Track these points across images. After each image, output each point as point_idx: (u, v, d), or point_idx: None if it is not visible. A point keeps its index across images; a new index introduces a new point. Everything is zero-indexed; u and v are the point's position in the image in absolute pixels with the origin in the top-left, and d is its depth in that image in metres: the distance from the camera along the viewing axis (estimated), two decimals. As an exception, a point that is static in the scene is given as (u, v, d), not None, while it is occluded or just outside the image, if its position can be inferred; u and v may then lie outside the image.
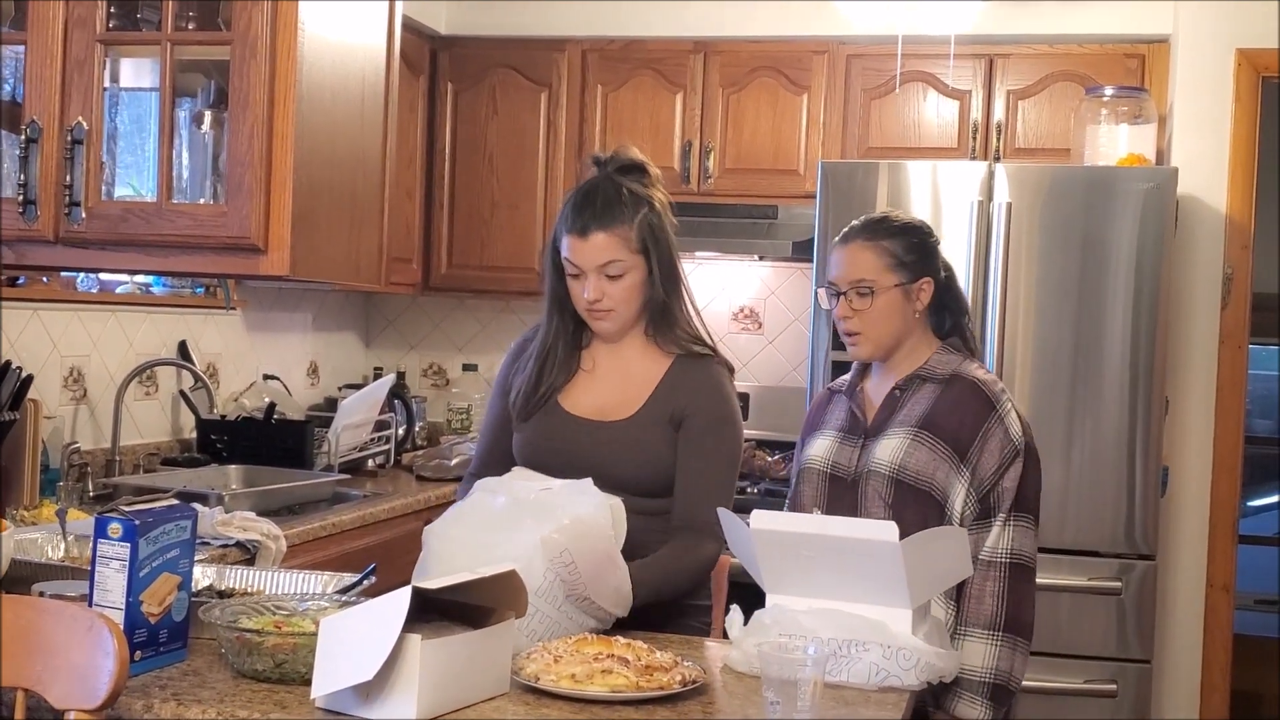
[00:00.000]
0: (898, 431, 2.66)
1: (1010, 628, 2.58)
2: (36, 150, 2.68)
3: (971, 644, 2.57)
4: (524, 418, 2.80)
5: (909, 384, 2.72)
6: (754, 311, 5.38)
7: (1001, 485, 2.61)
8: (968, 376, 2.70)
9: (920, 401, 2.69)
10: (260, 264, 2.64)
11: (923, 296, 2.73)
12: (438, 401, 5.60)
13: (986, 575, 2.58)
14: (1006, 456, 2.62)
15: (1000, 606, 2.57)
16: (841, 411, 2.81)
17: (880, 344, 2.73)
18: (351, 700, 1.92)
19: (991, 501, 2.61)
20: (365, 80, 2.88)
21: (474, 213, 5.24)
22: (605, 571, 2.41)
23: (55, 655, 1.86)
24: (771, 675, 1.95)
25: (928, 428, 2.64)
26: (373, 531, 3.98)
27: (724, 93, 5.01)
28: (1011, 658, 2.57)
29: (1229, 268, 4.55)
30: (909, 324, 2.73)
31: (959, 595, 2.60)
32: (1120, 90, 4.56)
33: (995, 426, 2.63)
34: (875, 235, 2.73)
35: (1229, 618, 4.57)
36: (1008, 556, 2.59)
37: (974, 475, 2.61)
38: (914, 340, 2.74)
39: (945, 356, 2.74)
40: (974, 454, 2.61)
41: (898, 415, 2.69)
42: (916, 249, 2.73)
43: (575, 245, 2.70)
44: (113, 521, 2.06)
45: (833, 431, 2.79)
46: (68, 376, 3.97)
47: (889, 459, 2.64)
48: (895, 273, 2.70)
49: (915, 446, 2.63)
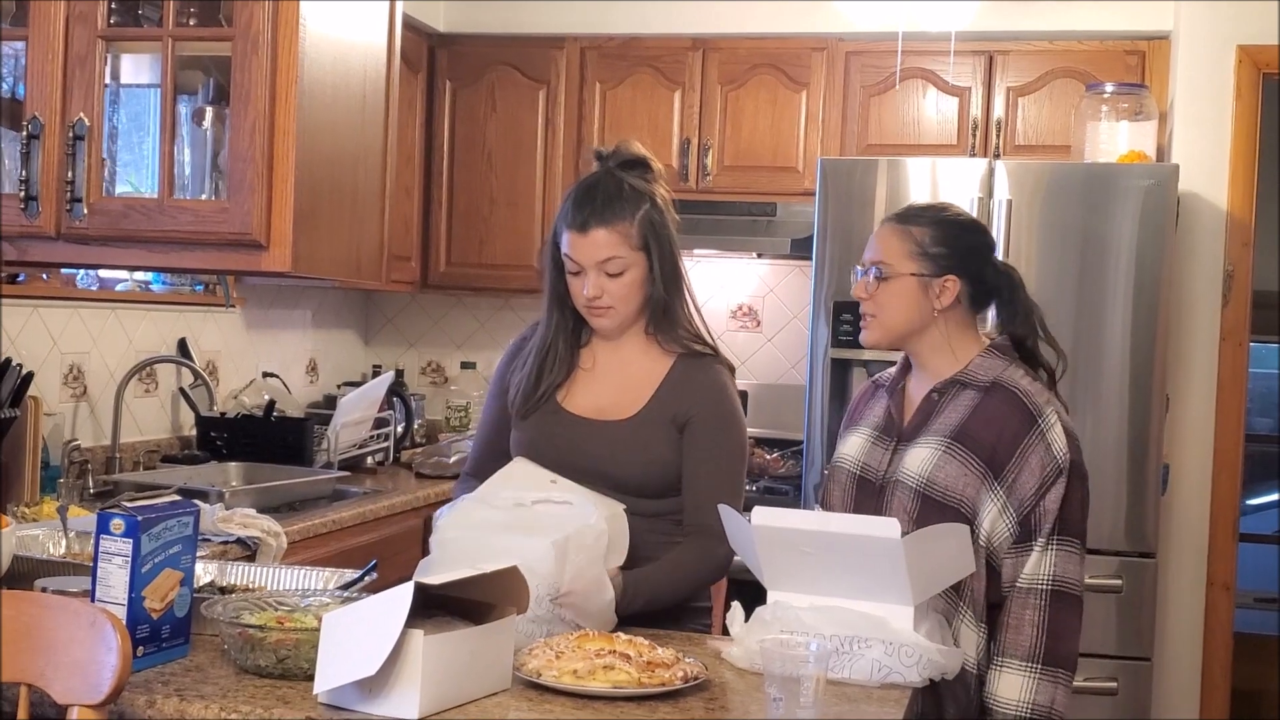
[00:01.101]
0: (930, 441, 2.51)
1: (1050, 660, 2.42)
2: (38, 146, 2.68)
3: (1008, 675, 2.43)
4: (523, 416, 2.78)
5: (948, 388, 2.56)
6: (752, 309, 5.38)
7: (1043, 506, 2.44)
8: (1009, 385, 2.52)
9: (957, 409, 2.53)
10: (262, 260, 2.64)
11: (945, 294, 2.55)
12: (436, 399, 5.60)
13: (1026, 603, 2.43)
14: (1048, 475, 2.44)
15: (1040, 636, 2.42)
16: (880, 409, 2.68)
17: (889, 331, 2.58)
18: (354, 696, 1.92)
19: (1033, 523, 2.44)
20: (366, 77, 2.88)
21: (473, 210, 5.23)
22: (592, 594, 2.43)
23: (58, 651, 1.86)
24: (774, 671, 1.94)
25: (961, 439, 2.48)
26: (372, 528, 3.98)
27: (723, 90, 5.01)
28: (1053, 692, 2.42)
29: (1230, 265, 4.55)
30: (925, 318, 2.56)
31: (995, 622, 2.47)
32: (1121, 87, 4.56)
33: (1036, 442, 2.45)
34: (908, 220, 2.60)
35: (1229, 616, 4.57)
36: (1049, 583, 2.43)
37: (1011, 494, 2.44)
38: (944, 339, 2.58)
39: (989, 360, 2.56)
40: (1011, 471, 2.45)
41: (933, 422, 2.54)
42: (947, 242, 2.56)
43: (575, 241, 2.67)
44: (115, 517, 2.06)
45: (868, 430, 2.67)
46: (68, 374, 3.96)
47: (917, 470, 2.50)
48: (915, 261, 2.55)
49: (946, 459, 2.48)
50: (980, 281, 2.60)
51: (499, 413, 2.85)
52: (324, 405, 5.09)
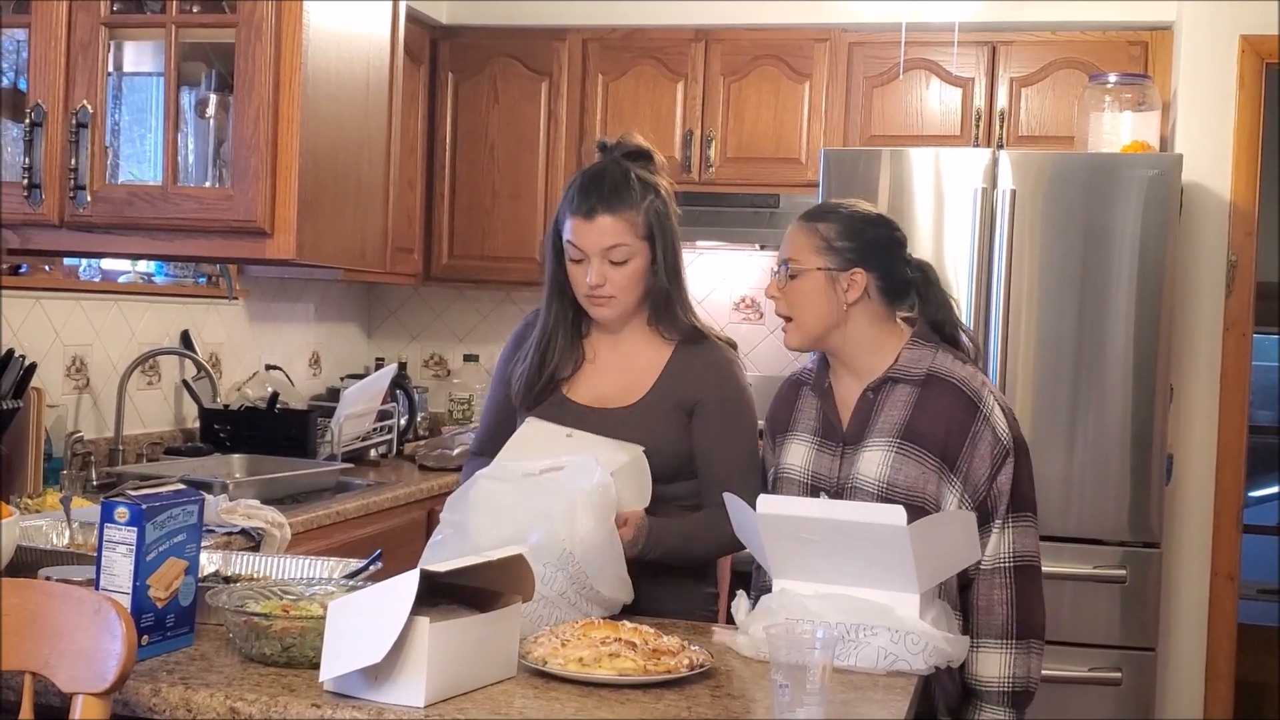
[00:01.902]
0: (878, 442, 2.52)
1: (1023, 633, 2.50)
2: (41, 134, 2.67)
3: (986, 655, 2.50)
4: (527, 406, 2.77)
5: (881, 386, 2.57)
6: (755, 301, 5.38)
7: (996, 487, 2.49)
8: (945, 376, 2.54)
9: (896, 406, 2.54)
10: (266, 247, 2.63)
11: (853, 289, 2.55)
12: (439, 392, 5.59)
13: (993, 583, 2.50)
14: (997, 457, 2.49)
15: (1011, 613, 2.49)
16: (812, 412, 2.67)
17: (807, 333, 2.59)
18: (360, 683, 1.91)
19: (989, 505, 2.50)
20: (370, 65, 2.87)
21: (475, 203, 5.23)
22: (605, 562, 2.42)
23: (63, 639, 1.86)
24: (780, 658, 1.94)
25: (910, 438, 2.50)
26: (376, 520, 3.98)
27: (725, 81, 5.00)
28: (1028, 662, 2.51)
29: (1233, 255, 4.55)
30: (836, 314, 2.55)
31: (965, 604, 2.52)
32: (1124, 77, 4.55)
33: (982, 429, 2.50)
34: (814, 217, 2.61)
35: (1233, 606, 4.57)
36: (1011, 560, 2.50)
37: (966, 482, 2.49)
38: (859, 335, 2.58)
39: (916, 352, 2.58)
40: (964, 461, 2.49)
41: (874, 422, 2.55)
42: (853, 237, 2.56)
43: (580, 227, 2.65)
44: (120, 506, 2.06)
45: (806, 435, 2.66)
46: (70, 365, 3.96)
47: (874, 475, 2.51)
48: (821, 256, 2.55)
49: (901, 460, 2.49)
50: (891, 275, 2.60)
51: (503, 401, 2.85)
52: (327, 398, 5.09)
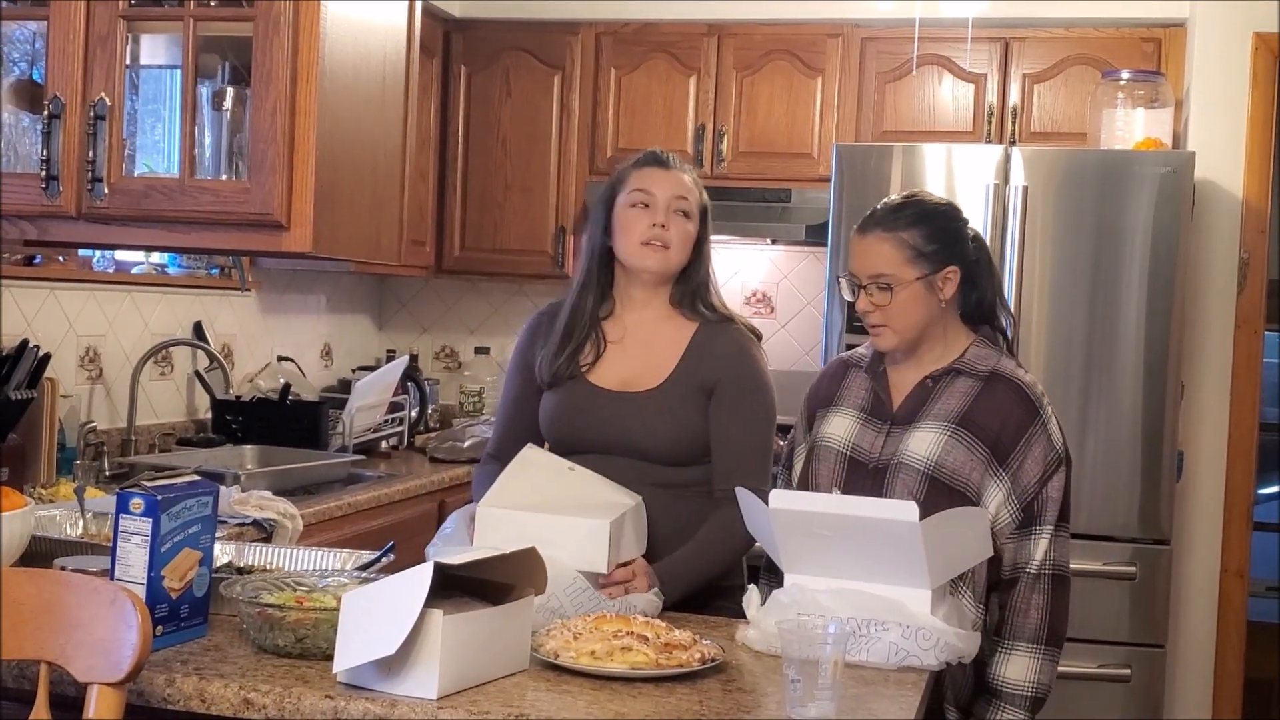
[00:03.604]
0: (932, 425, 2.56)
1: (1050, 640, 2.55)
2: (59, 126, 2.68)
3: (1017, 658, 2.54)
4: (551, 385, 2.79)
5: (943, 376, 2.61)
6: (766, 295, 5.38)
7: (1046, 494, 2.53)
8: (1009, 376, 2.59)
9: (955, 396, 2.58)
10: (283, 240, 2.64)
11: (948, 286, 2.59)
12: (450, 384, 5.60)
13: (1033, 588, 2.53)
14: (1050, 464, 2.54)
15: (1044, 618, 2.53)
16: (861, 390, 2.70)
17: (905, 336, 2.60)
18: (373, 675, 1.92)
19: (1035, 510, 2.53)
20: (386, 59, 2.87)
21: (487, 195, 5.23)
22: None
23: (79, 629, 1.86)
24: (792, 653, 1.94)
25: (966, 426, 2.54)
26: (387, 511, 3.98)
27: (738, 76, 5.00)
28: (1051, 670, 2.55)
29: (1245, 252, 4.54)
30: (934, 314, 2.59)
31: (1002, 605, 2.55)
32: (1137, 74, 4.55)
33: (1039, 433, 2.55)
34: (893, 226, 2.58)
35: (1243, 603, 4.57)
36: (1051, 568, 2.54)
37: (1015, 482, 2.52)
38: (941, 328, 2.62)
39: (983, 351, 2.63)
40: (1015, 460, 2.53)
41: (930, 407, 2.58)
42: (938, 237, 2.58)
43: (657, 175, 2.76)
44: (135, 497, 2.06)
45: (852, 411, 2.68)
46: (84, 356, 3.97)
47: (924, 453, 2.54)
48: (915, 265, 2.56)
49: (953, 444, 2.53)
50: (968, 261, 2.64)
51: (521, 388, 2.85)
52: (339, 389, 5.10)
